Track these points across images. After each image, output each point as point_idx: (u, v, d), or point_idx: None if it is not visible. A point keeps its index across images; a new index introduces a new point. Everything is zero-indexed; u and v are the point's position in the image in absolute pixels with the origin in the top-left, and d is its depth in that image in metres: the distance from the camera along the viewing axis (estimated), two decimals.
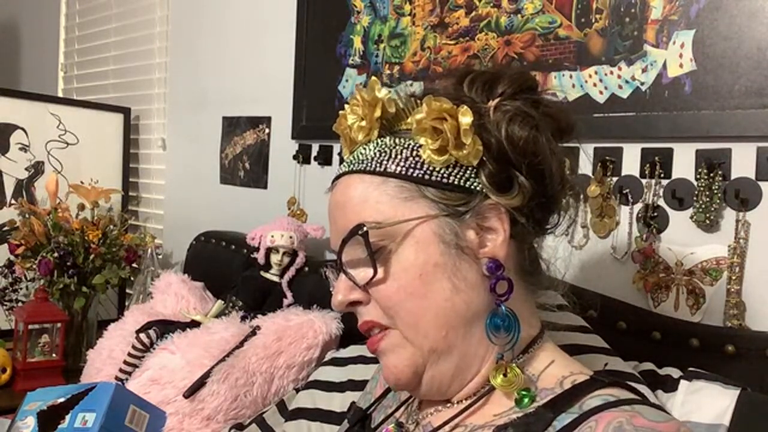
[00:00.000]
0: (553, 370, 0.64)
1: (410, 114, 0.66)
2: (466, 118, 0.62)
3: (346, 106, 0.70)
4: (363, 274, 0.64)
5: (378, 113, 0.66)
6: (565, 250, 0.79)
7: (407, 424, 0.70)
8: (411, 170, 0.64)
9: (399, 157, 0.64)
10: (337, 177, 0.69)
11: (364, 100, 0.67)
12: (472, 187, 0.64)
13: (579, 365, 0.67)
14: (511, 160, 0.64)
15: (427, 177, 0.64)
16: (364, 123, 0.67)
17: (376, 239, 0.63)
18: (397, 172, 0.64)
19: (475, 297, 0.64)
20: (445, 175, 0.64)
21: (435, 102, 0.63)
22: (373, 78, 0.69)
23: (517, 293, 0.64)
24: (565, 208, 0.71)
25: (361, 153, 0.67)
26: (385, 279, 0.63)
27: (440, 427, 0.65)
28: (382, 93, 0.66)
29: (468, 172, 0.64)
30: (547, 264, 0.72)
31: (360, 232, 0.62)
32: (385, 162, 0.65)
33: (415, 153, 0.64)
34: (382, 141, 0.67)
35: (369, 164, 0.65)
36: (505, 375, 0.62)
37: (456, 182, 0.64)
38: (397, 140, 0.66)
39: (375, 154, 0.66)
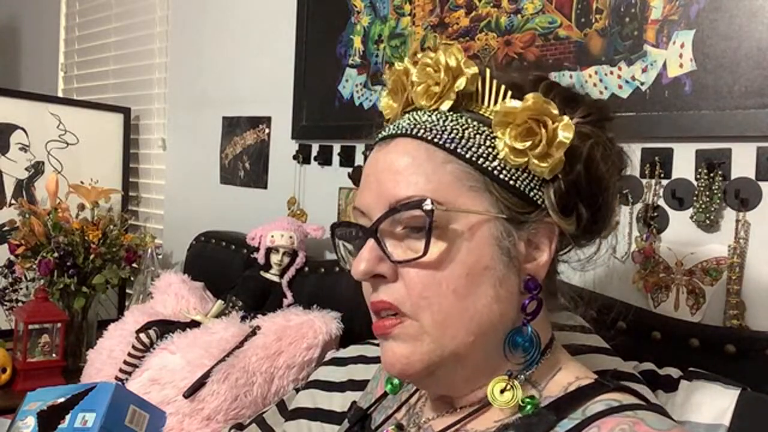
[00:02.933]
0: (559, 377, 0.63)
1: (492, 100, 0.61)
2: (567, 133, 0.58)
3: (406, 60, 0.65)
4: (402, 250, 0.60)
5: (461, 85, 0.61)
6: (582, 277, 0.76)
7: (408, 427, 0.69)
8: (482, 160, 0.59)
9: (473, 141, 0.60)
10: (393, 135, 0.63)
11: (447, 66, 0.61)
12: (535, 198, 0.60)
13: (585, 369, 0.65)
14: (582, 188, 0.61)
15: (496, 173, 0.59)
16: (436, 89, 0.61)
17: (434, 220, 0.58)
18: (468, 157, 0.59)
19: (510, 310, 0.61)
20: (513, 177, 0.60)
21: (543, 102, 0.58)
22: (458, 46, 0.63)
23: (541, 313, 0.62)
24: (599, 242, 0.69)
25: (426, 120, 0.62)
26: (430, 265, 0.58)
27: (442, 431, 0.64)
28: (471, 69, 0.61)
29: (535, 181, 0.60)
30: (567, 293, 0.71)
31: (425, 208, 0.57)
32: (456, 140, 0.60)
33: (489, 143, 0.60)
34: (454, 116, 0.61)
35: (438, 135, 0.60)
36: (503, 391, 0.60)
37: (522, 188, 0.60)
38: (469, 121, 0.61)
39: (445, 128, 0.60)
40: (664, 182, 1.08)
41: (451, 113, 0.62)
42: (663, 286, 1.08)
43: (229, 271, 1.69)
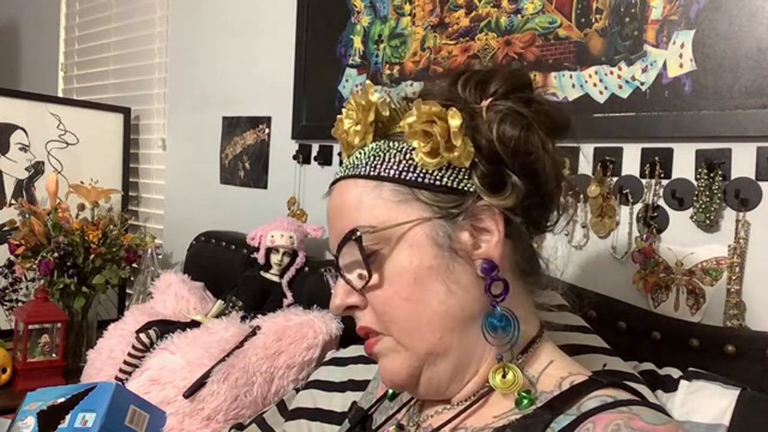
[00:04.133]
0: (552, 371, 0.64)
1: (403, 117, 0.66)
2: (455, 121, 0.62)
3: (343, 110, 0.70)
4: (359, 278, 0.64)
5: (371, 117, 0.67)
6: (564, 249, 0.79)
7: (408, 426, 0.70)
8: (404, 173, 0.64)
9: (393, 160, 0.65)
10: (334, 182, 0.70)
11: (358, 104, 0.67)
12: (465, 188, 0.64)
13: (578, 366, 0.67)
14: (504, 160, 0.64)
15: (420, 180, 0.63)
16: (359, 127, 0.68)
17: (371, 243, 0.63)
18: (391, 175, 0.64)
19: (470, 299, 0.63)
20: (438, 177, 0.63)
21: (424, 105, 0.63)
22: (368, 82, 0.70)
23: (514, 293, 0.64)
24: (564, 207, 0.71)
25: (356, 158, 0.68)
26: (381, 284, 0.64)
27: (440, 428, 0.65)
28: (375, 97, 0.67)
29: (461, 173, 0.64)
30: (546, 263, 0.72)
31: (354, 237, 0.63)
32: (378, 166, 0.65)
33: (408, 156, 0.64)
34: (376, 145, 0.67)
35: (363, 169, 0.66)
36: (504, 376, 0.62)
37: (449, 184, 0.63)
38: (390, 144, 0.66)
39: (369, 158, 0.66)
40: (664, 182, 1.08)
41: (376, 143, 0.67)
42: (663, 286, 1.08)
43: (229, 271, 1.69)
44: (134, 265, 1.94)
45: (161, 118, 2.36)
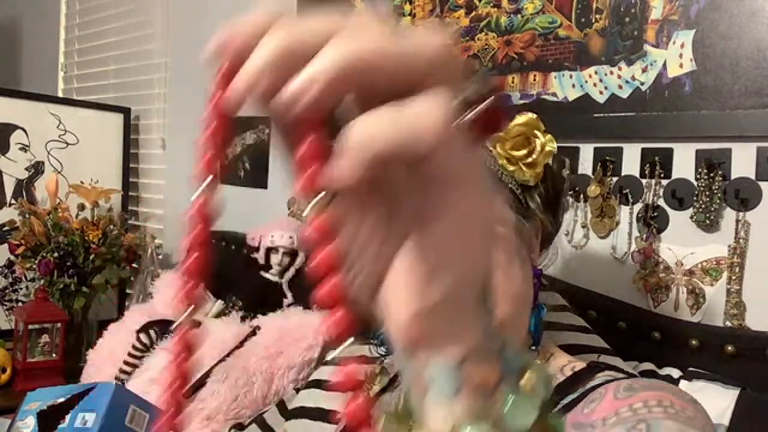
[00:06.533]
0: (552, 362, 0.68)
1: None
2: (553, 144, 0.69)
3: None
4: None
5: None
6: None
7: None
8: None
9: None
10: None
11: None
12: (523, 201, 0.70)
13: (574, 358, 0.70)
14: (549, 191, 0.72)
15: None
16: None
17: None
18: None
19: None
20: (509, 183, 0.70)
21: (534, 119, 0.69)
22: None
23: None
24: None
25: None
26: None
27: None
28: None
29: (522, 189, 0.70)
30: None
31: None
32: None
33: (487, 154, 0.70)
34: None
35: None
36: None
37: (517, 192, 0.69)
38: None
39: None
40: (664, 182, 1.08)
41: None
42: (663, 286, 1.08)
43: (229, 271, 1.69)
44: (134, 265, 1.94)
45: (161, 118, 2.35)
